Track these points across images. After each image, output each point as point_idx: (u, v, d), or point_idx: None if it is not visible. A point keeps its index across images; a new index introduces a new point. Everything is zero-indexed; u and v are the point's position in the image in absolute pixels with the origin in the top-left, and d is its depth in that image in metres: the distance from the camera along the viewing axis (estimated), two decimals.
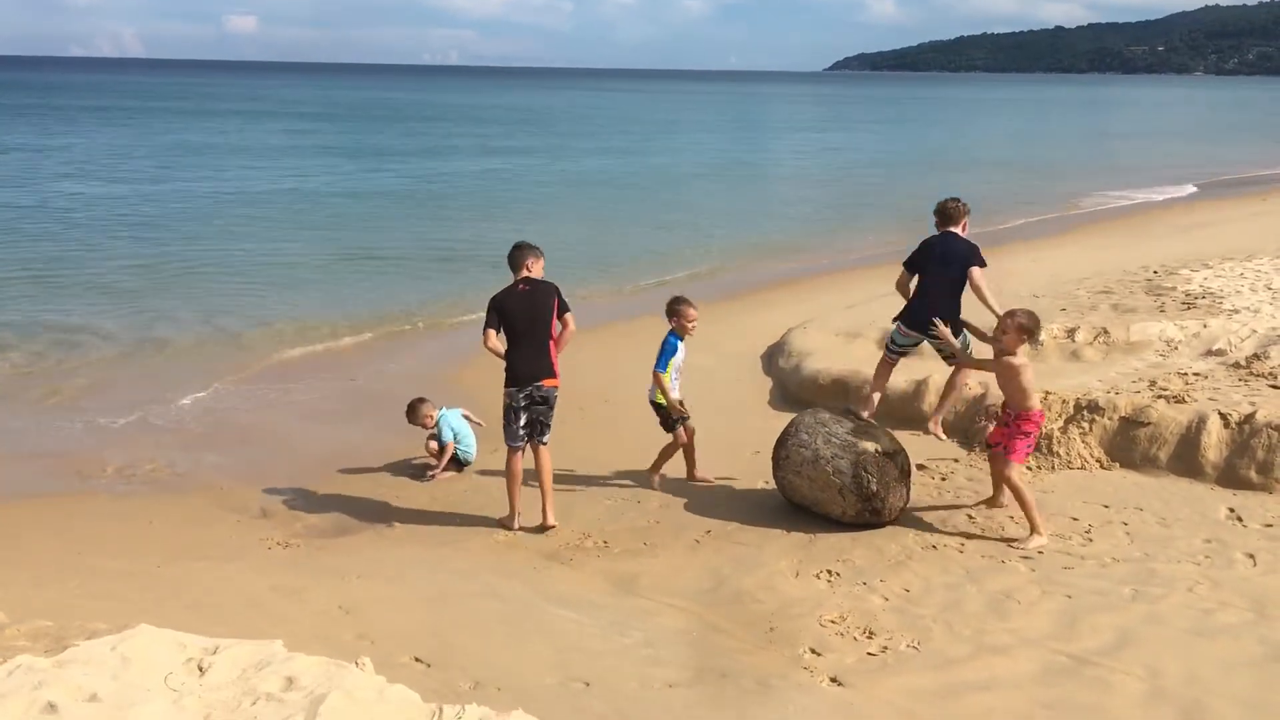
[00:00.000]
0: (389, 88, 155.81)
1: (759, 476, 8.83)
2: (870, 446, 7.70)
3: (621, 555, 7.54)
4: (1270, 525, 7.52)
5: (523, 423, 8.02)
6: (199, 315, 15.81)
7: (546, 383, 8.02)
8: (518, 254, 8.13)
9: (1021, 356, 7.61)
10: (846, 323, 12.89)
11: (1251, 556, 7.02)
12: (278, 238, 23.25)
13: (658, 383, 8.63)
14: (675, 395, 8.68)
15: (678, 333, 8.68)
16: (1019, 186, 34.33)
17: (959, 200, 8.46)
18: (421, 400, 9.76)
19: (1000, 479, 7.78)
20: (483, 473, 9.45)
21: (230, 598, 6.63)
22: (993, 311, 7.86)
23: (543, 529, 8.01)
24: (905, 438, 8.45)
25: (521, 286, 8.04)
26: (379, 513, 8.59)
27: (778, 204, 30.77)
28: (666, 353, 8.61)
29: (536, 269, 8.12)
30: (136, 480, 9.49)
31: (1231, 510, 7.82)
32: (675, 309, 8.70)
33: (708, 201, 31.13)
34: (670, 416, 8.72)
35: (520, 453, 8.09)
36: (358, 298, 17.27)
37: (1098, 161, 44.77)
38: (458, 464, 9.60)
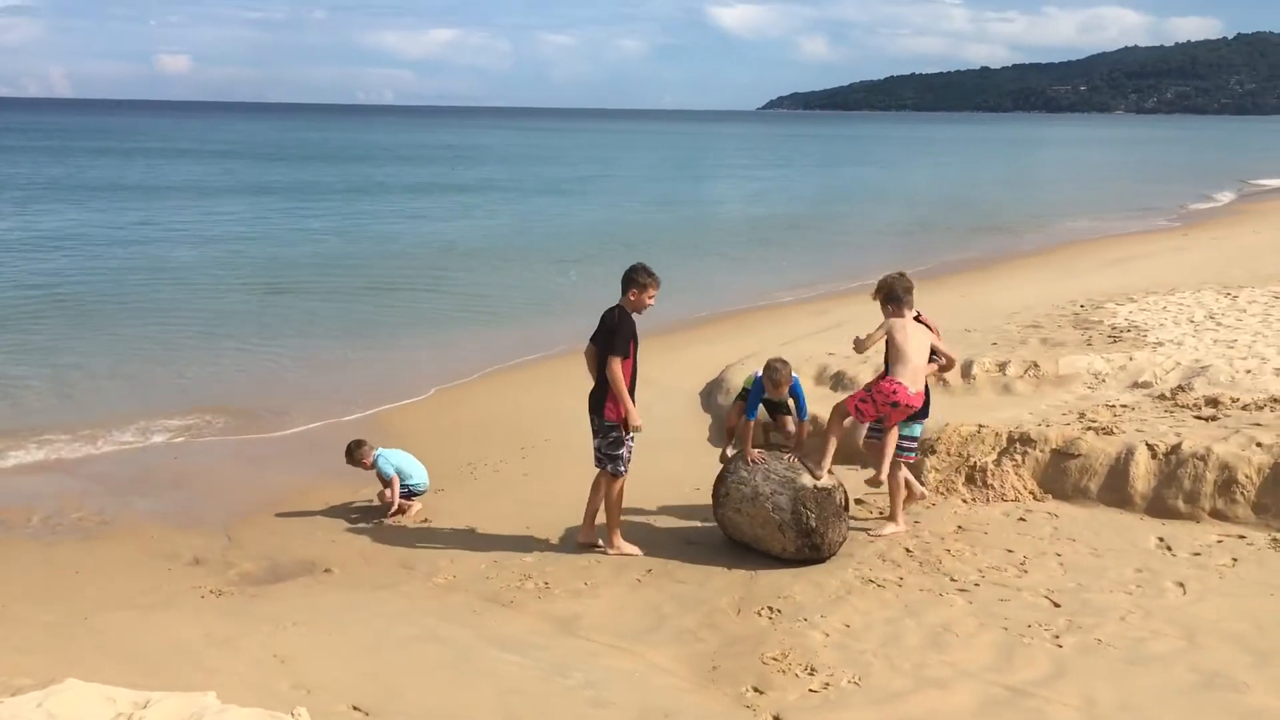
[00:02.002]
0: (322, 127, 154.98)
1: (699, 514, 8.84)
2: (809, 482, 7.75)
3: (562, 596, 7.49)
4: (1198, 554, 7.69)
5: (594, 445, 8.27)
6: (123, 359, 15.45)
7: (602, 415, 8.14)
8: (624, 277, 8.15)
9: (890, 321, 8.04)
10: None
11: (1181, 585, 7.17)
12: (204, 279, 22.91)
13: (743, 432, 8.27)
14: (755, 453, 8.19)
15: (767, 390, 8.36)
16: (949, 222, 35.02)
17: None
18: (359, 442, 9.63)
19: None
20: (420, 515, 9.35)
21: (161, 648, 6.47)
22: None
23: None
24: (843, 473, 8.53)
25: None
26: (315, 558, 8.44)
27: (716, 240, 31.00)
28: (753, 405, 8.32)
29: (635, 299, 8.06)
30: (63, 529, 9.23)
31: (1161, 540, 7.98)
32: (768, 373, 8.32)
33: (646, 235, 31.29)
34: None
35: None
36: (288, 339, 17.04)
37: (1030, 197, 45.83)
38: (410, 495, 9.47)
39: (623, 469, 8.18)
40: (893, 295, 8.11)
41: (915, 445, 8.57)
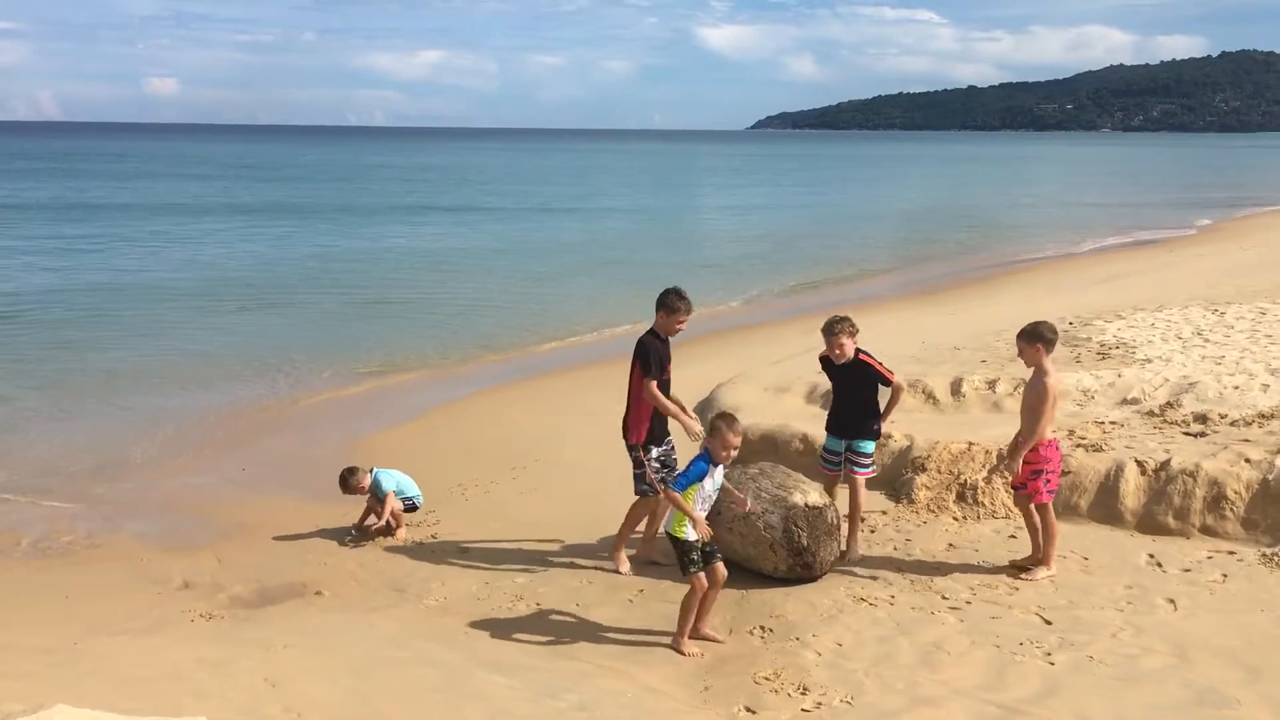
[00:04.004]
0: (312, 149, 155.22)
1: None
2: (800, 501, 7.75)
3: (554, 617, 7.47)
4: (1189, 570, 7.71)
5: None
6: (112, 381, 15.43)
7: (625, 437, 8.26)
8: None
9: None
10: (775, 377, 13.00)
11: (1172, 601, 7.18)
12: (191, 297, 22.96)
13: (674, 504, 6.82)
14: (699, 514, 6.76)
15: (711, 455, 6.82)
16: (937, 240, 35.16)
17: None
18: (353, 469, 9.62)
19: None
20: (409, 538, 9.33)
21: (151, 672, 6.43)
22: None
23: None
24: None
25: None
26: (306, 580, 8.41)
27: (705, 258, 31.10)
28: (689, 474, 6.79)
29: (663, 322, 8.17)
30: (53, 553, 9.20)
31: (1151, 556, 8.00)
32: (716, 428, 6.81)
33: (635, 254, 31.40)
34: (690, 554, 6.82)
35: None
36: (276, 360, 16.98)
37: (1017, 214, 46.04)
38: (411, 509, 9.48)
39: (645, 488, 8.22)
40: (1044, 339, 8.01)
41: (871, 460, 8.46)
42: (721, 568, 6.91)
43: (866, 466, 8.47)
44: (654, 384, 8.02)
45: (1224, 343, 13.23)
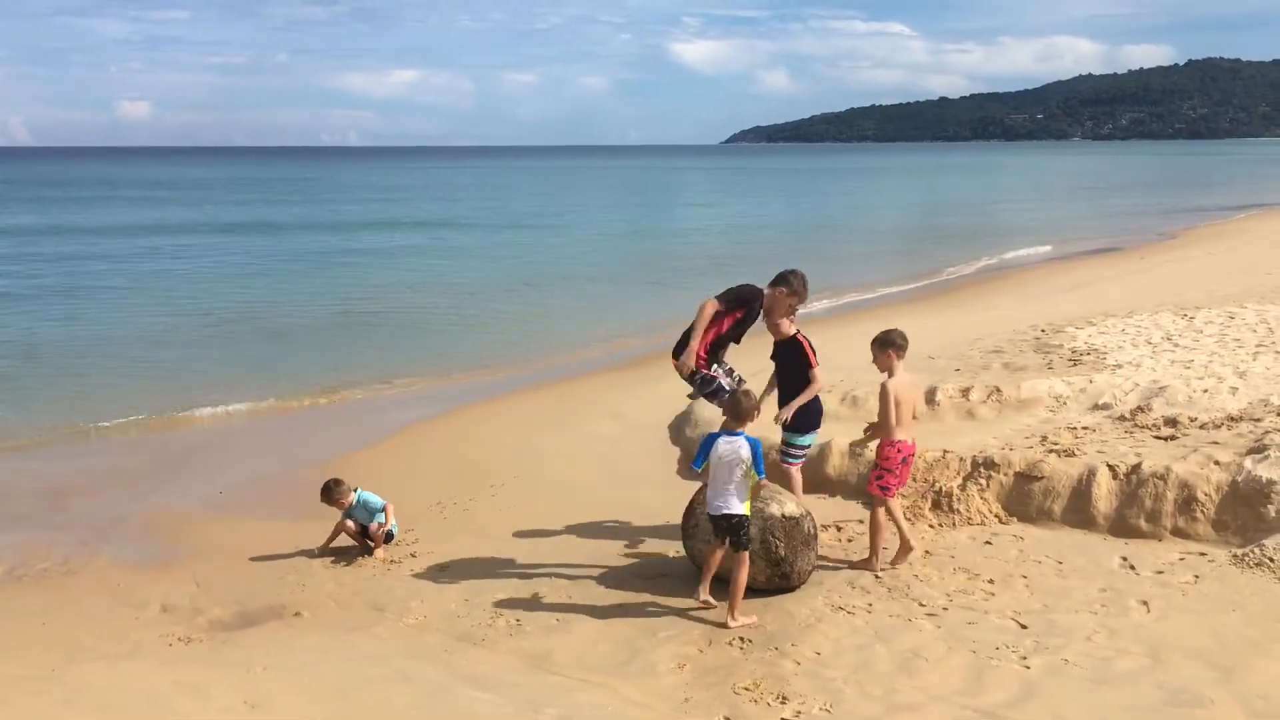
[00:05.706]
0: (287, 169, 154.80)
1: (669, 545, 8.87)
2: (776, 511, 7.79)
3: (534, 632, 7.49)
4: (1161, 572, 7.80)
5: None
6: (84, 403, 15.33)
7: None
8: None
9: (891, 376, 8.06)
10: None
11: (1145, 603, 7.27)
12: (166, 316, 22.85)
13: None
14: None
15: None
16: (910, 249, 35.38)
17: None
18: (338, 481, 9.62)
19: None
20: (388, 557, 9.32)
21: (129, 698, 6.41)
22: None
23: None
24: (810, 501, 8.59)
25: None
26: (285, 602, 8.39)
27: (683, 270, 31.18)
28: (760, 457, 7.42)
29: (771, 296, 8.76)
30: (28, 579, 9.13)
31: (1124, 559, 8.09)
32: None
33: (613, 267, 31.46)
34: (749, 530, 7.49)
35: None
36: (252, 379, 16.91)
37: (989, 222, 46.37)
38: (389, 538, 9.51)
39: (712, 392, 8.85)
40: (894, 345, 8.13)
41: (804, 453, 8.78)
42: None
43: (797, 458, 8.70)
44: (712, 305, 8.66)
45: (1193, 347, 13.39)
